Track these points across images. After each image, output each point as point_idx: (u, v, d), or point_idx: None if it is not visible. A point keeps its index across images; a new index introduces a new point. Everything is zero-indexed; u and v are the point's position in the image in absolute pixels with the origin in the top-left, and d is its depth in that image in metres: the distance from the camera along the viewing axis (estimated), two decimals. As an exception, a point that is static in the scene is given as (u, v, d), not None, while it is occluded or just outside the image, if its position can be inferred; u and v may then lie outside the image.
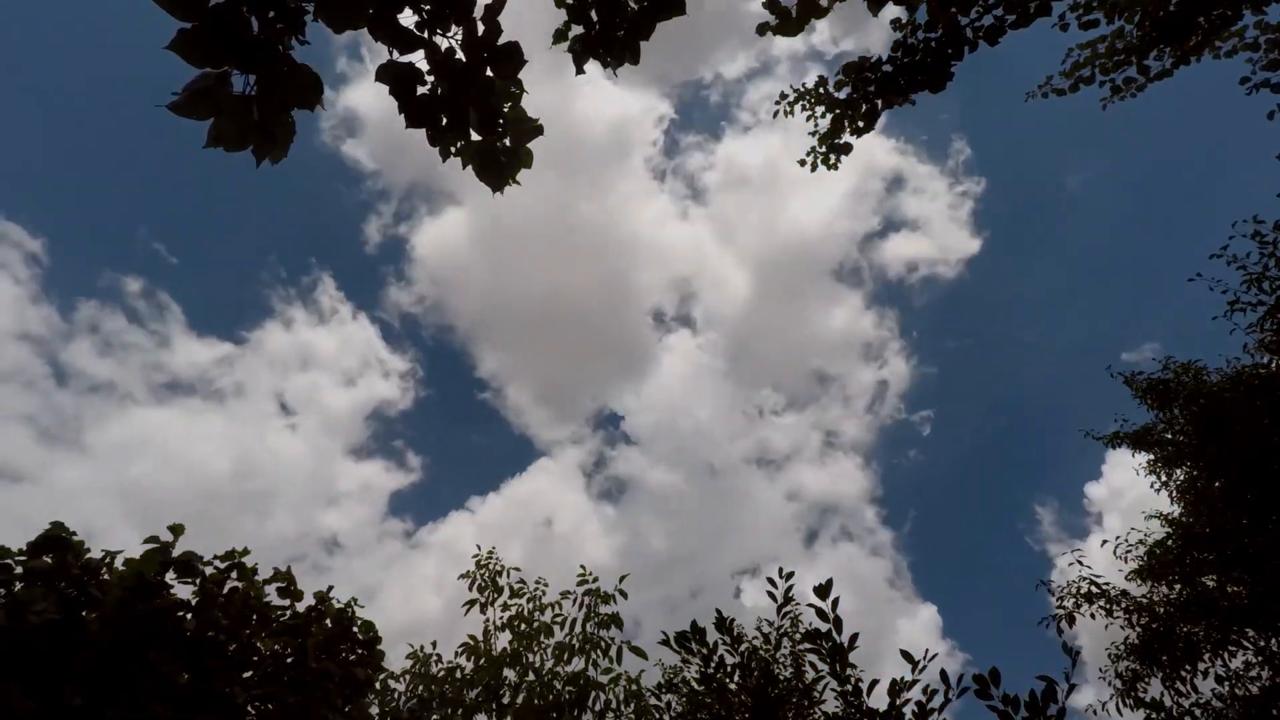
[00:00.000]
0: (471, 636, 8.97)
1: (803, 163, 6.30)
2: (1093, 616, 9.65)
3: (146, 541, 5.64)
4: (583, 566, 8.98)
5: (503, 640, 8.93)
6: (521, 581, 9.39)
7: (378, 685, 8.44)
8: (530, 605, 9.12)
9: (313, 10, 1.97)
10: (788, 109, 6.09)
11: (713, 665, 5.50)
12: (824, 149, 6.13)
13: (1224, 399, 9.47)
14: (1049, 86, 6.22)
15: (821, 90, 5.84)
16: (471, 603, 9.24)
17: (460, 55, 2.45)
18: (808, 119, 6.00)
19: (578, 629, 8.60)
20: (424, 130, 2.56)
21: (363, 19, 2.13)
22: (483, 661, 8.61)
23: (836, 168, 6.17)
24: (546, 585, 9.36)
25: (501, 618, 9.10)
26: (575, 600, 8.86)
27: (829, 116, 5.88)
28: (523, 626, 8.88)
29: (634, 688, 8.16)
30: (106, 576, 5.44)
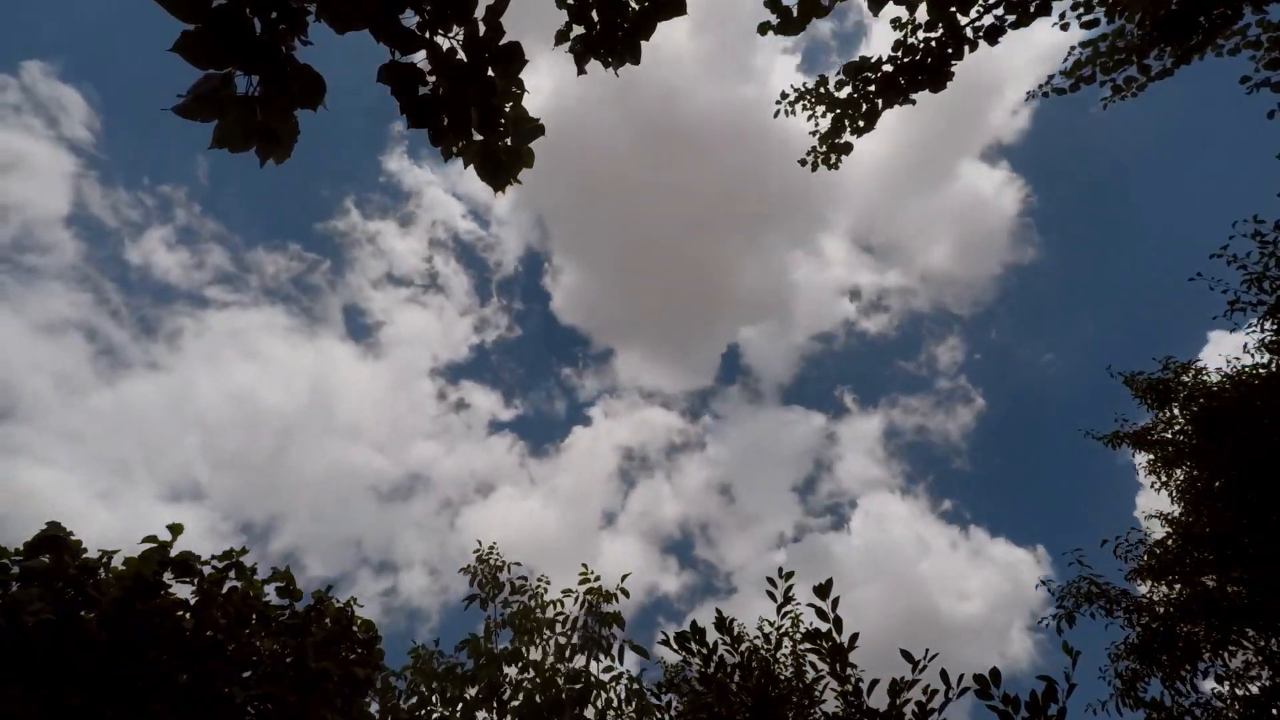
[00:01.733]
0: (472, 635, 8.97)
1: (803, 162, 6.31)
2: (1093, 616, 9.66)
3: (144, 541, 5.67)
4: (584, 565, 8.98)
5: (504, 638, 8.94)
6: (523, 578, 9.39)
7: (378, 684, 8.43)
8: (532, 602, 9.12)
9: (315, 11, 1.96)
10: (789, 109, 6.09)
11: (713, 665, 5.50)
12: (824, 148, 6.13)
13: (1224, 398, 9.48)
14: (1049, 86, 6.21)
15: (822, 90, 5.83)
16: (472, 598, 9.23)
17: (461, 55, 2.43)
18: (809, 119, 6.00)
19: (579, 626, 8.60)
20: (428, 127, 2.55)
21: (365, 19, 2.11)
22: (483, 659, 8.60)
23: (837, 167, 6.17)
24: (549, 583, 9.37)
25: (502, 614, 9.10)
26: (576, 599, 8.86)
27: (829, 116, 5.87)
28: (521, 622, 8.88)
29: (635, 686, 8.16)
30: (104, 575, 5.44)
